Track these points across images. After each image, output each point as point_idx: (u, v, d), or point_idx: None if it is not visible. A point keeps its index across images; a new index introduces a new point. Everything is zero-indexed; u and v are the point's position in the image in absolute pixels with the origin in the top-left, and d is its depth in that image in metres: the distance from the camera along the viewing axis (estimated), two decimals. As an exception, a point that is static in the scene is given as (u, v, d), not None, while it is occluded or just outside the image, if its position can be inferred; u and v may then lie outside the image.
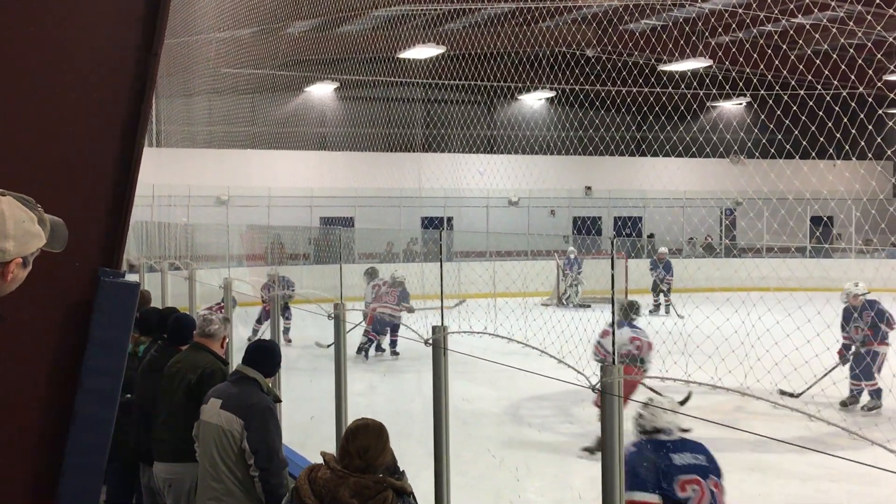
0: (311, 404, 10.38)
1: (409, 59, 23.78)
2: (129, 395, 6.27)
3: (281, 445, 5.04)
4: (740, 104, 32.74)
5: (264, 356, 5.28)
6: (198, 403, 5.40)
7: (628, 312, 9.78)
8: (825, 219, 31.13)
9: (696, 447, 5.46)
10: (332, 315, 7.09)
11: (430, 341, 5.73)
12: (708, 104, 31.09)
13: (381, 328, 14.64)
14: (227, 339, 6.40)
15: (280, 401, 5.48)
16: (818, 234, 29.32)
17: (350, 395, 7.10)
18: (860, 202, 26.58)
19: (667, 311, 21.92)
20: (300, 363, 13.16)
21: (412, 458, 5.33)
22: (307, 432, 9.11)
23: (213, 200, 27.37)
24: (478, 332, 5.59)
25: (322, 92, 29.83)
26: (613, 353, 4.50)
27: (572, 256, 24.05)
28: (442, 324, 5.80)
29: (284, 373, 9.17)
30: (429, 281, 8.11)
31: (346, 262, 23.92)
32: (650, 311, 22.12)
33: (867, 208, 24.05)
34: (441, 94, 32.22)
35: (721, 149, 32.13)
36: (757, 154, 29.64)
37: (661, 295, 22.84)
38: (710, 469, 5.27)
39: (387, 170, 28.42)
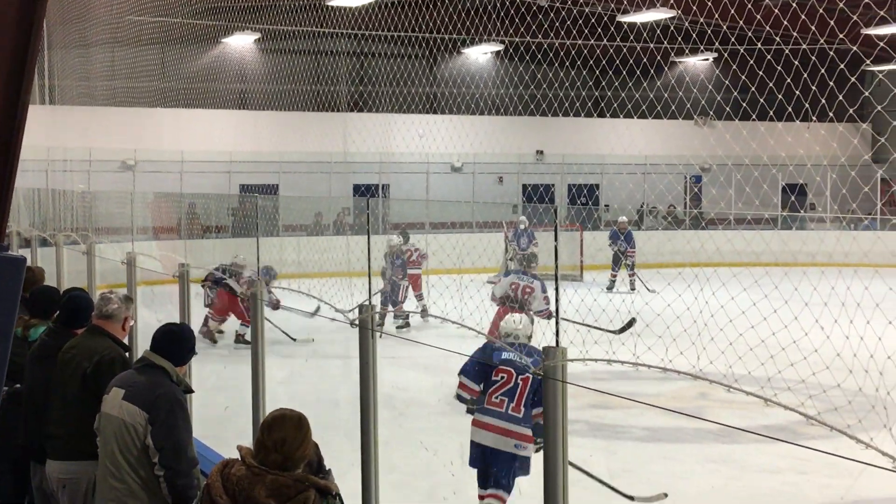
0: (226, 394, 10.36)
1: (338, 7, 23.63)
2: (17, 386, 6.21)
3: (191, 442, 5.00)
4: (707, 59, 33.01)
5: (174, 342, 5.19)
6: (95, 395, 5.34)
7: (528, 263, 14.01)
8: (800, 185, 31.59)
9: (534, 352, 7.15)
10: (249, 294, 7.09)
11: (357, 322, 5.74)
12: (672, 59, 31.30)
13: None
14: (132, 322, 6.33)
15: (192, 391, 5.44)
16: (793, 200, 29.79)
17: (269, 383, 7.10)
18: (836, 168, 27.01)
19: (632, 287, 22.11)
20: (213, 349, 13.12)
21: (338, 453, 5.36)
22: (221, 425, 9.10)
23: (118, 165, 27.00)
24: (410, 312, 5.62)
25: (241, 44, 29.53)
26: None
27: (521, 227, 24.14)
28: (370, 303, 5.81)
29: (197, 358, 9.11)
30: (355, 255, 8.12)
31: (270, 234, 23.90)
32: (607, 288, 22.31)
33: (845, 173, 24.42)
34: (376, 46, 32.07)
35: (687, 109, 32.41)
36: (726, 115, 29.92)
37: (626, 269, 23.05)
38: (526, 368, 6.89)
39: (315, 132, 28.23)
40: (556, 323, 4.46)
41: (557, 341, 4.41)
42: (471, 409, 7.39)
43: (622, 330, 9.27)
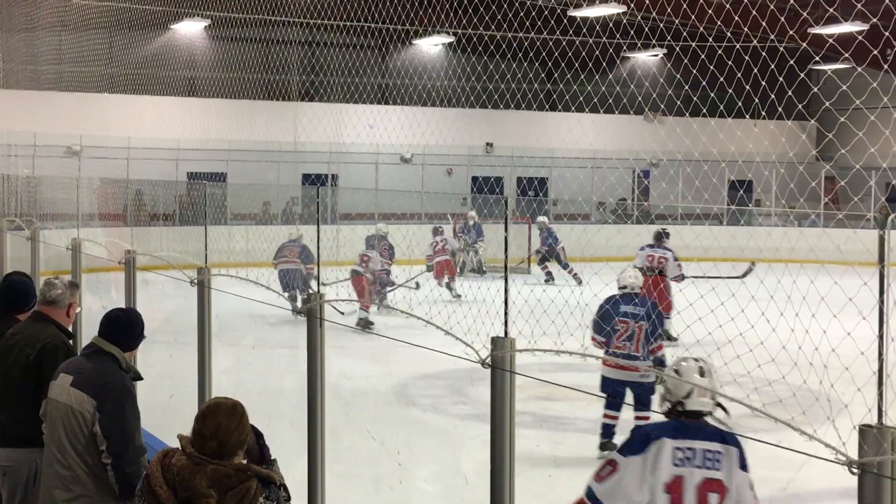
0: (172, 382, 10.29)
1: (290, -5, 23.47)
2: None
3: (139, 430, 4.95)
4: (657, 56, 33.25)
5: (121, 327, 5.12)
6: (37, 382, 5.28)
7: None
8: (746, 182, 31.92)
9: (643, 301, 9.30)
10: (196, 281, 7.03)
11: (304, 311, 5.72)
12: (622, 55, 31.50)
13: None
14: (78, 309, 6.24)
15: (141, 378, 5.39)
16: (741, 195, 30.08)
17: (215, 371, 7.06)
18: (784, 164, 27.34)
19: (578, 282, 22.25)
20: (160, 336, 12.99)
21: (284, 441, 5.34)
22: (166, 413, 9.02)
23: (63, 150, 26.68)
24: (356, 301, 5.61)
25: (190, 30, 29.24)
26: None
27: (471, 222, 24.20)
28: (318, 291, 5.79)
29: (143, 346, 9.02)
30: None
31: (218, 223, 23.72)
32: (545, 281, 22.43)
33: (792, 170, 24.75)
34: (326, 36, 31.92)
35: (638, 103, 32.61)
36: (676, 110, 30.17)
37: (560, 266, 23.27)
38: (642, 317, 9.04)
39: (264, 120, 28.07)
40: (506, 314, 4.47)
41: (506, 332, 4.42)
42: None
43: (744, 275, 11.31)
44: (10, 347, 5.64)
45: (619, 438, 8.14)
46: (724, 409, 4.58)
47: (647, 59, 33.92)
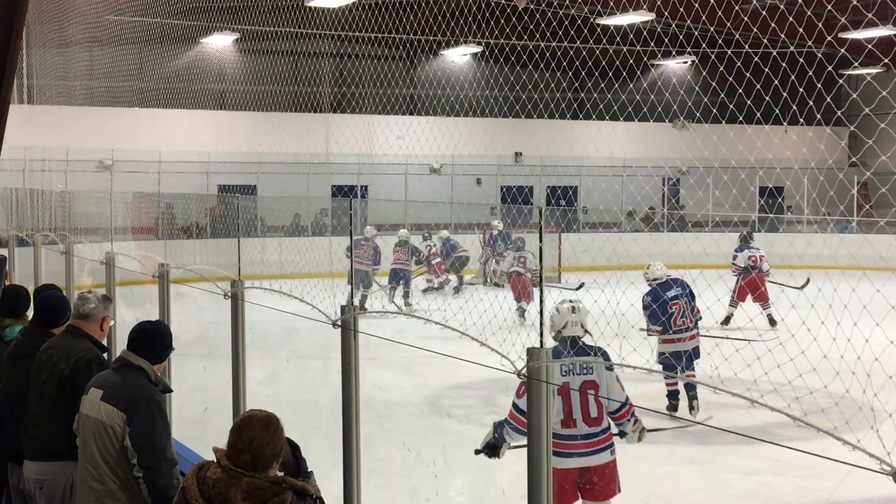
0: (206, 394, 10.30)
1: (318, 8, 23.56)
2: (-6, 385, 6.14)
3: (169, 442, 4.95)
4: (685, 63, 33.10)
5: (149, 340, 5.12)
6: (72, 396, 5.28)
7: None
8: (774, 188, 31.73)
9: (680, 283, 11.15)
10: (229, 294, 7.03)
11: (339, 323, 5.70)
12: (650, 62, 31.39)
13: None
14: (111, 322, 6.26)
15: (171, 391, 5.38)
16: (780, 202, 29.86)
17: (249, 383, 7.05)
18: (810, 171, 27.12)
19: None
20: (195, 348, 13.03)
21: (319, 454, 5.31)
22: (201, 425, 9.04)
23: (95, 165, 26.86)
24: (392, 313, 5.59)
25: (220, 44, 29.40)
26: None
27: (495, 232, 24.16)
28: (351, 303, 5.78)
29: (176, 358, 9.05)
30: (337, 256, 8.08)
31: (249, 235, 23.80)
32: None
33: (817, 177, 24.55)
34: (355, 48, 32.01)
35: (665, 111, 32.47)
36: (704, 117, 30.03)
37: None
38: (686, 295, 11.08)
39: (294, 132, 28.15)
40: (541, 324, 4.43)
41: (542, 342, 4.38)
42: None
43: (803, 286, 11.75)
44: (44, 362, 5.66)
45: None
46: (589, 333, 6.50)
47: (675, 65, 33.79)
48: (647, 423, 10.28)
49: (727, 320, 17.40)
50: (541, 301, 4.55)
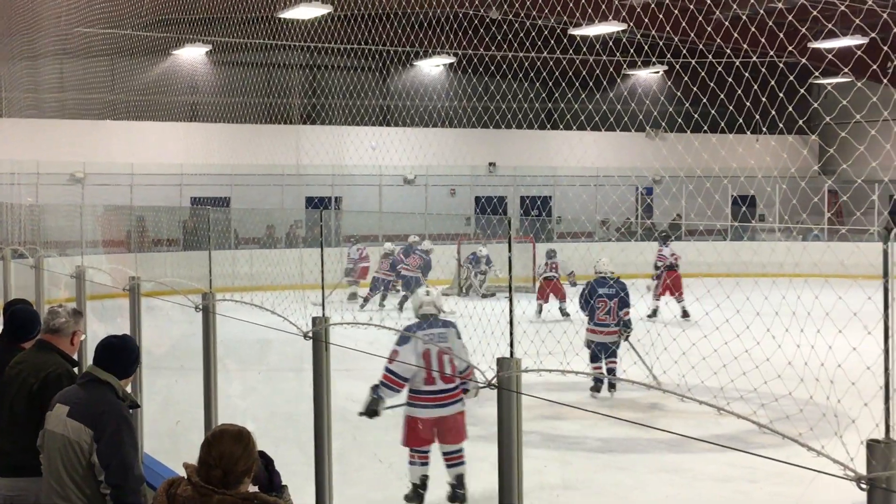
0: (178, 408, 10.27)
1: (290, 20, 23.57)
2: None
3: (137, 458, 4.91)
4: (658, 73, 33.27)
5: (116, 355, 5.06)
6: (42, 411, 5.24)
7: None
8: (749, 197, 31.94)
9: (617, 284, 12.69)
10: (200, 307, 7.03)
11: (310, 334, 5.72)
12: (623, 72, 31.54)
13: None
14: (82, 336, 6.23)
15: (138, 406, 5.36)
16: (744, 211, 30.07)
17: (221, 396, 7.05)
18: (786, 179, 27.34)
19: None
20: (166, 361, 12.99)
21: (293, 466, 5.32)
22: (173, 440, 9.01)
23: (66, 178, 26.73)
24: (363, 324, 5.61)
25: (192, 56, 29.35)
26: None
27: (479, 253, 24.28)
28: (323, 315, 5.79)
29: (148, 372, 9.02)
30: (308, 268, 8.09)
31: (222, 247, 23.75)
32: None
33: (794, 185, 24.77)
34: (327, 59, 32.02)
35: (639, 121, 32.64)
36: (677, 126, 30.21)
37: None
38: (615, 295, 12.50)
39: (266, 144, 28.14)
40: (511, 334, 4.46)
41: (512, 352, 4.41)
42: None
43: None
44: (14, 377, 5.63)
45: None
46: (443, 311, 8.56)
47: (647, 76, 33.97)
48: (619, 433, 10.37)
49: (654, 313, 18.40)
50: (510, 312, 4.58)
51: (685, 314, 17.91)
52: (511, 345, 4.38)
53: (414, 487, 8.25)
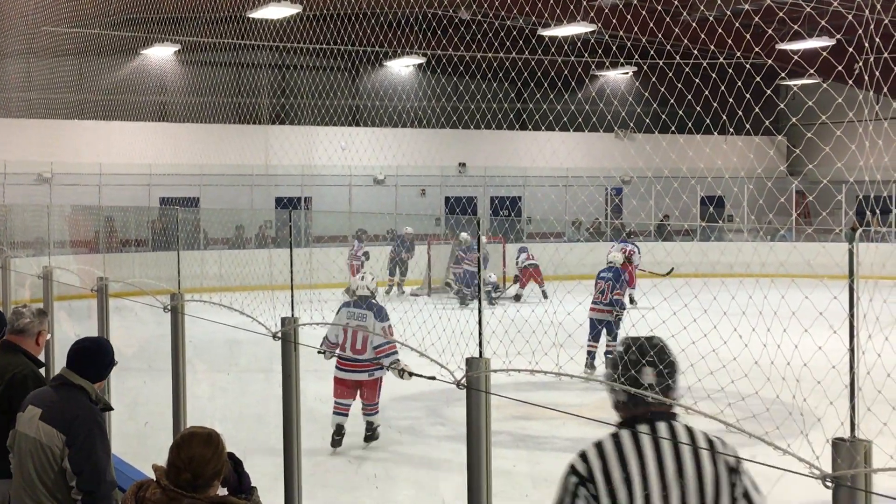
0: (147, 409, 10.23)
1: (260, 20, 23.50)
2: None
3: (110, 464, 4.88)
4: (627, 73, 33.41)
5: (90, 359, 5.01)
6: (7, 412, 5.19)
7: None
8: (717, 198, 32.11)
9: (614, 270, 14.52)
10: (169, 307, 7.00)
11: (279, 335, 5.71)
12: (593, 73, 31.66)
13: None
14: (48, 336, 6.19)
15: (111, 409, 5.33)
16: (711, 211, 30.25)
17: (190, 398, 7.02)
18: (754, 180, 27.51)
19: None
20: (135, 363, 12.92)
21: (262, 468, 5.31)
22: (142, 441, 8.97)
23: (34, 178, 26.53)
24: (331, 324, 5.60)
25: (161, 55, 29.19)
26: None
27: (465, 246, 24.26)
28: (292, 315, 5.78)
29: (117, 373, 8.96)
30: (277, 268, 8.07)
31: (191, 247, 23.64)
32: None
33: (762, 185, 24.92)
34: (297, 59, 31.94)
35: (608, 121, 32.77)
36: (645, 127, 30.33)
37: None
38: (610, 279, 14.06)
39: (236, 144, 28.04)
40: (480, 334, 4.47)
41: (481, 352, 4.42)
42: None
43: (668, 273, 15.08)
44: (-23, 378, 5.58)
45: (598, 362, 12.68)
46: (374, 293, 10.23)
47: (616, 77, 34.09)
48: (590, 433, 10.37)
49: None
50: (479, 311, 4.58)
51: (631, 300, 19.71)
52: (480, 345, 4.39)
53: (334, 431, 9.79)
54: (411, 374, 8.38)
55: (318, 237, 28.90)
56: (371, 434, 10.10)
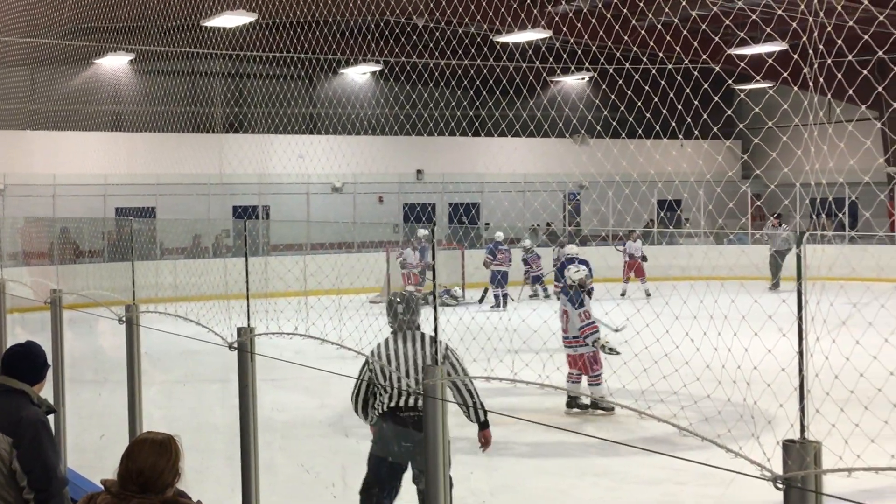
0: (102, 421, 10.15)
1: (214, 28, 23.40)
2: None
3: (59, 462, 4.91)
4: (582, 79, 33.62)
5: (23, 362, 5.11)
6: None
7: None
8: (674, 202, 32.35)
9: (584, 261, 14.75)
10: (123, 319, 6.95)
11: (235, 345, 5.69)
12: (548, 79, 31.80)
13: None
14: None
15: (55, 410, 5.33)
16: (666, 216, 30.46)
17: (146, 409, 6.98)
18: (708, 183, 27.76)
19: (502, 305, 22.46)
20: (90, 375, 12.83)
21: (219, 478, 5.29)
22: (97, 453, 8.90)
23: (-15, 190, 26.27)
24: (287, 334, 5.59)
25: (114, 64, 29.00)
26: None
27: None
28: (248, 324, 5.77)
29: (71, 386, 8.88)
30: (232, 278, 8.05)
31: (147, 258, 23.48)
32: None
33: (714, 189, 25.14)
34: (253, 67, 31.85)
35: (564, 127, 32.88)
36: (600, 132, 30.47)
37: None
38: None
39: (191, 153, 27.88)
40: (436, 342, 4.48)
41: (436, 360, 4.43)
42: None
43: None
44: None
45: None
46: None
47: (573, 82, 34.26)
48: (548, 437, 10.43)
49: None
50: (435, 319, 4.59)
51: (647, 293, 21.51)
52: (436, 353, 4.40)
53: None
54: (612, 350, 9.48)
55: (274, 245, 28.80)
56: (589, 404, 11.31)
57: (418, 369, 6.54)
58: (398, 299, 6.90)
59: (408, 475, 7.06)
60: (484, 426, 6.73)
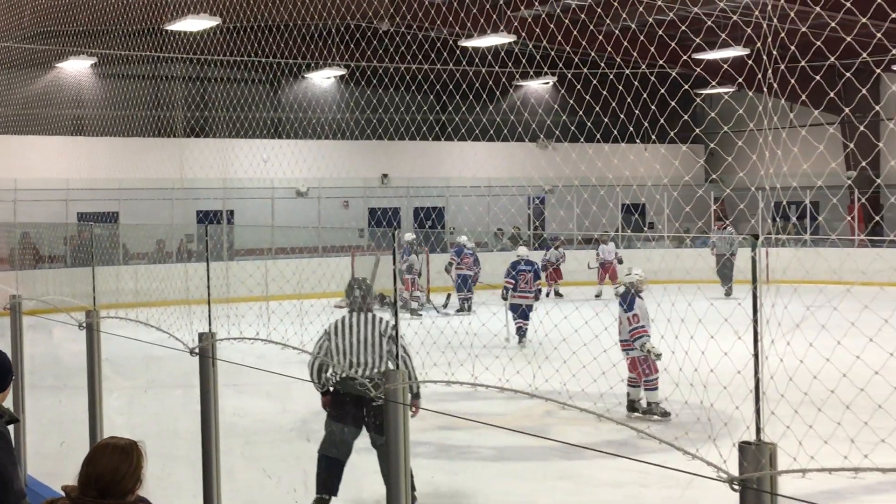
0: (62, 428, 10.09)
1: (177, 32, 23.30)
2: None
3: (17, 474, 4.84)
4: (546, 84, 33.71)
5: None
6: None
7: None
8: (631, 205, 32.51)
9: (532, 263, 17.92)
10: (84, 324, 6.94)
11: (196, 350, 5.69)
12: (512, 84, 31.87)
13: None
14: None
15: (17, 420, 5.27)
16: (621, 221, 30.64)
17: (107, 415, 6.96)
18: (671, 187, 27.94)
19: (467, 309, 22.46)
20: (50, 381, 12.73)
21: (181, 484, 5.28)
22: (57, 460, 8.84)
23: (-55, 195, 25.98)
24: (249, 339, 5.61)
25: (76, 68, 28.79)
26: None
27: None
28: (210, 330, 5.77)
29: (31, 392, 8.84)
30: (194, 283, 8.03)
31: (110, 263, 23.32)
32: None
33: (682, 193, 25.32)
34: (216, 71, 31.73)
35: (531, 131, 32.99)
36: (562, 136, 30.60)
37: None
38: (530, 271, 17.67)
39: (153, 158, 27.73)
40: (396, 346, 4.51)
41: (397, 364, 4.46)
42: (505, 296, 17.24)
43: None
44: None
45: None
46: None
47: (537, 86, 34.35)
48: (513, 441, 10.48)
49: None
50: (396, 325, 4.62)
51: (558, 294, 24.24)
52: (396, 357, 4.43)
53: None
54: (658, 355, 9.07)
55: (238, 250, 28.71)
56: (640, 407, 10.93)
57: (367, 344, 7.56)
58: (355, 284, 8.13)
59: (366, 441, 7.58)
60: (416, 397, 7.23)
